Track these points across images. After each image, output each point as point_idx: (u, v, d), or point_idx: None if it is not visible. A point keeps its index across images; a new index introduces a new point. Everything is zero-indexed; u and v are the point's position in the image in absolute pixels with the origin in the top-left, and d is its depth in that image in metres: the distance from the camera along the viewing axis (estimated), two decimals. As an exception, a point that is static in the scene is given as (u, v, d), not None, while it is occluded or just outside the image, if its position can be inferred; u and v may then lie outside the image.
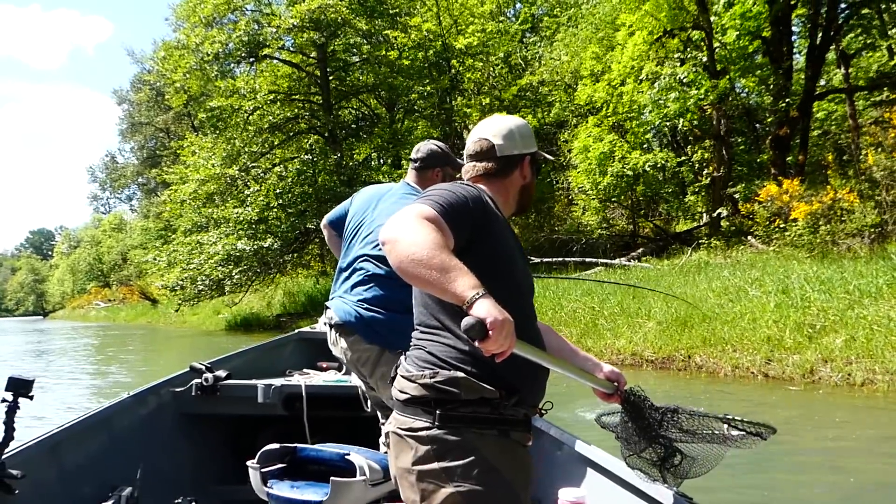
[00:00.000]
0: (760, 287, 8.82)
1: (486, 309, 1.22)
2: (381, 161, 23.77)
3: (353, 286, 2.49)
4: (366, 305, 2.42)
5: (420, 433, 1.45)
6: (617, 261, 15.11)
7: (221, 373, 3.18)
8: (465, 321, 1.22)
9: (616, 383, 1.80)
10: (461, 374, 1.44)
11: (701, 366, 7.98)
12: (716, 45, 15.69)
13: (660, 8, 15.96)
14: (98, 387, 10.42)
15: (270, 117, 20.39)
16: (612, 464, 2.16)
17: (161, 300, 36.76)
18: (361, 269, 2.50)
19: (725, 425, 1.76)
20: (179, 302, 22.05)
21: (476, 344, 1.24)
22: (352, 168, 20.20)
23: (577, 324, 10.41)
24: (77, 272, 62.08)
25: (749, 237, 13.60)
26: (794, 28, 15.59)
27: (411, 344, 1.60)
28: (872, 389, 6.25)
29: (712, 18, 15.47)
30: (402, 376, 1.54)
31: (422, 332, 1.58)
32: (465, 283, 1.26)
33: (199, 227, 20.79)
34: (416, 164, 2.71)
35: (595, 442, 2.38)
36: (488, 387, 1.44)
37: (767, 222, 12.41)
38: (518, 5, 27.59)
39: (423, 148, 2.74)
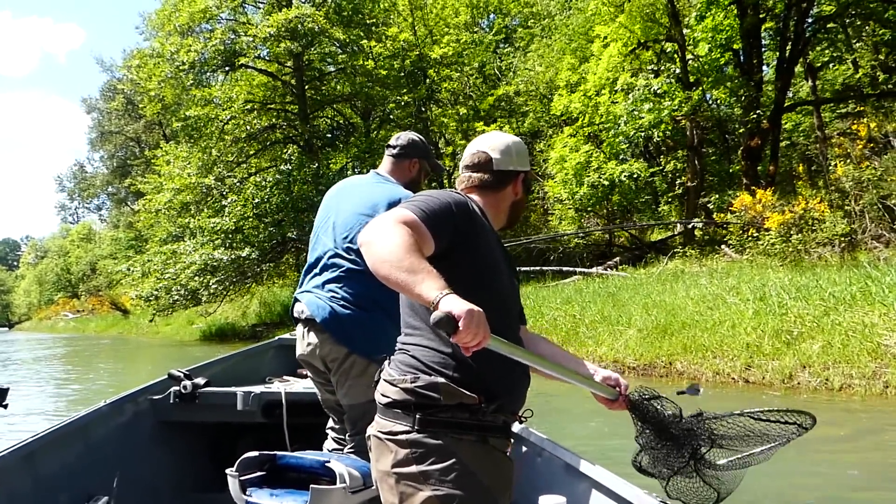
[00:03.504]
0: (738, 294, 9.01)
1: (451, 303, 1.22)
2: (358, 170, 23.74)
3: (325, 282, 2.44)
4: (341, 303, 2.38)
5: (399, 437, 1.47)
6: (594, 269, 15.29)
7: (200, 380, 3.15)
8: (434, 315, 1.22)
9: (616, 388, 1.75)
10: (441, 380, 1.47)
11: (682, 372, 8.12)
12: (689, 57, 16.05)
13: (633, 20, 16.29)
14: (71, 397, 10.22)
15: (247, 127, 20.26)
16: (593, 470, 2.17)
17: (133, 311, 36.13)
18: (332, 264, 2.45)
19: (760, 421, 1.72)
20: (154, 312, 21.73)
21: (450, 339, 1.23)
22: (329, 177, 20.12)
23: (559, 331, 10.51)
24: (44, 283, 60.73)
25: (723, 246, 13.87)
26: (763, 41, 16.01)
27: (397, 347, 1.61)
28: (850, 394, 6.43)
29: (685, 31, 15.84)
30: (385, 380, 1.55)
31: (406, 334, 1.60)
32: (431, 285, 1.27)
33: (174, 236, 20.53)
34: (395, 152, 2.62)
35: (576, 448, 2.40)
36: (468, 392, 1.46)
37: (741, 231, 12.70)
38: (492, 16, 27.87)
39: (403, 136, 2.66)
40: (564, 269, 16.12)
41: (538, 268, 16.62)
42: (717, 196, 15.48)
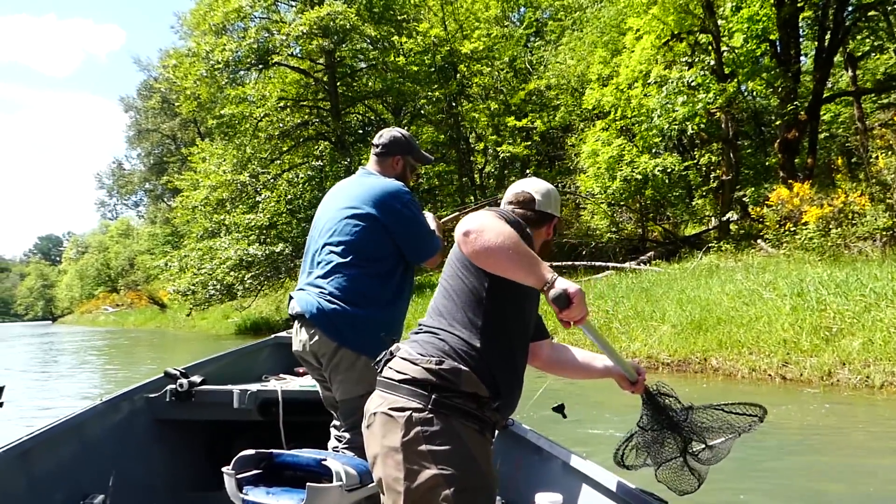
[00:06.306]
0: (774, 290, 8.87)
1: (566, 283, 1.46)
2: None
3: (315, 279, 2.49)
4: (328, 297, 2.41)
5: (413, 414, 1.54)
6: (627, 264, 15.17)
7: (196, 378, 3.15)
8: (553, 292, 1.45)
9: (637, 372, 2.02)
10: (465, 368, 1.57)
11: (717, 368, 8.05)
12: (723, 48, 15.75)
13: (667, 12, 16.03)
14: (106, 389, 10.50)
15: (280, 124, 20.52)
16: (589, 468, 2.21)
17: (171, 305, 36.90)
18: (322, 260, 2.50)
19: (731, 414, 1.96)
20: (190, 306, 22.16)
21: (560, 314, 1.46)
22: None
23: (591, 327, 10.47)
24: (85, 277, 62.28)
25: (759, 240, 13.65)
26: (801, 31, 15.65)
27: (423, 329, 1.70)
28: (892, 392, 6.31)
29: (720, 22, 15.56)
30: (403, 358, 1.63)
31: (440, 320, 1.68)
32: (546, 268, 1.49)
33: (210, 232, 20.92)
34: (378, 150, 2.68)
35: (572, 447, 2.44)
36: (484, 385, 1.58)
37: (778, 226, 12.47)
38: (522, 9, 27.71)
39: (385, 134, 2.70)
40: (596, 263, 16.04)
41: (570, 262, 16.55)
42: (752, 189, 15.22)
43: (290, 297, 2.57)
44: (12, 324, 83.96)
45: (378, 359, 1.70)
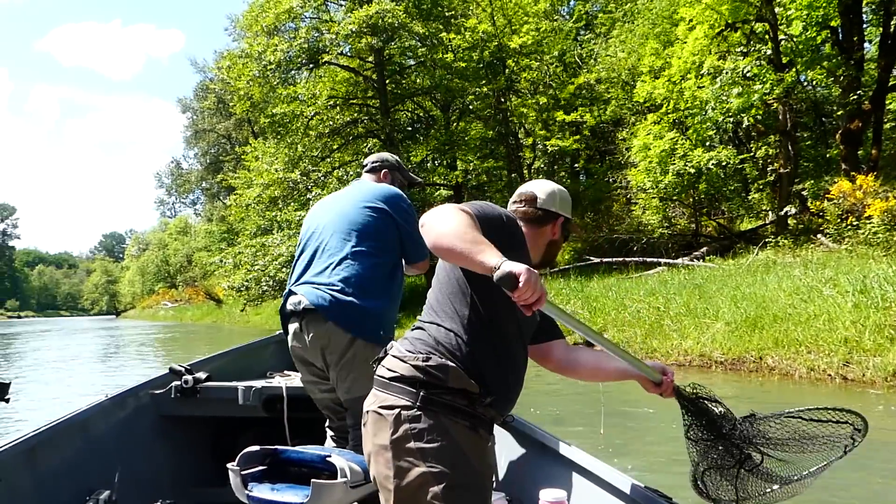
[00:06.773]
0: (835, 287, 8.55)
1: (511, 265, 1.34)
2: (437, 163, 23.95)
3: (322, 270, 2.49)
4: (340, 286, 2.41)
5: (401, 412, 1.54)
6: (679, 260, 14.85)
7: (201, 374, 3.18)
8: (497, 274, 1.34)
9: (663, 373, 1.87)
10: (452, 364, 1.56)
11: (773, 367, 7.81)
12: (781, 36, 15.23)
13: (721, 1, 15.59)
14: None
15: (330, 122, 20.79)
16: (592, 464, 2.19)
17: (226, 300, 37.90)
18: (332, 255, 2.51)
19: (811, 422, 1.69)
20: (244, 302, 22.69)
21: (512, 296, 1.34)
22: (408, 170, 20.40)
23: (642, 324, 10.30)
24: (146, 274, 64.62)
25: (819, 235, 13.16)
26: (865, 16, 14.99)
27: (415, 325, 1.70)
28: (961, 393, 6.02)
29: (777, 10, 15.04)
30: (393, 356, 1.63)
31: (431, 313, 1.68)
32: (493, 253, 1.39)
33: (263, 229, 21.36)
34: (370, 167, 2.87)
35: (576, 443, 2.42)
36: (473, 381, 1.56)
37: (839, 220, 12.01)
38: (572, 2, 27.38)
39: (373, 156, 2.91)
40: (648, 259, 15.76)
41: (621, 259, 16.31)
42: (812, 182, 14.68)
43: (291, 293, 2.55)
44: (80, 318, 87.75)
45: (375, 358, 1.72)
